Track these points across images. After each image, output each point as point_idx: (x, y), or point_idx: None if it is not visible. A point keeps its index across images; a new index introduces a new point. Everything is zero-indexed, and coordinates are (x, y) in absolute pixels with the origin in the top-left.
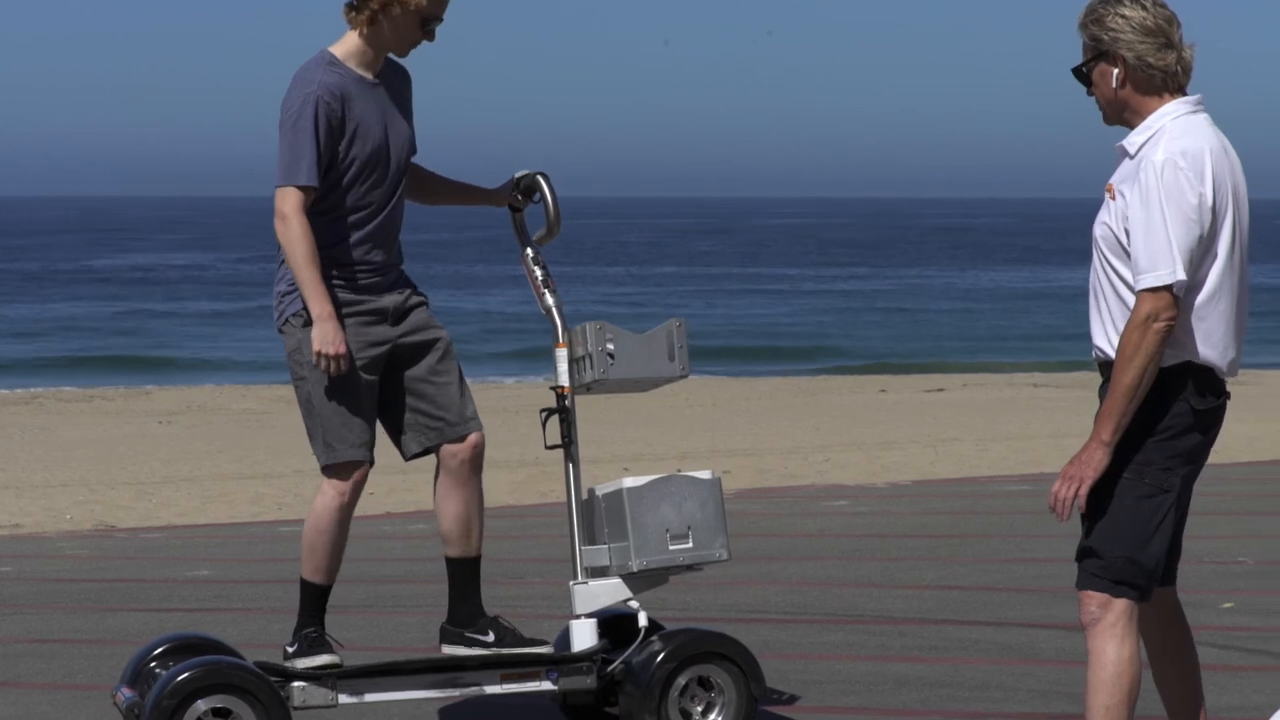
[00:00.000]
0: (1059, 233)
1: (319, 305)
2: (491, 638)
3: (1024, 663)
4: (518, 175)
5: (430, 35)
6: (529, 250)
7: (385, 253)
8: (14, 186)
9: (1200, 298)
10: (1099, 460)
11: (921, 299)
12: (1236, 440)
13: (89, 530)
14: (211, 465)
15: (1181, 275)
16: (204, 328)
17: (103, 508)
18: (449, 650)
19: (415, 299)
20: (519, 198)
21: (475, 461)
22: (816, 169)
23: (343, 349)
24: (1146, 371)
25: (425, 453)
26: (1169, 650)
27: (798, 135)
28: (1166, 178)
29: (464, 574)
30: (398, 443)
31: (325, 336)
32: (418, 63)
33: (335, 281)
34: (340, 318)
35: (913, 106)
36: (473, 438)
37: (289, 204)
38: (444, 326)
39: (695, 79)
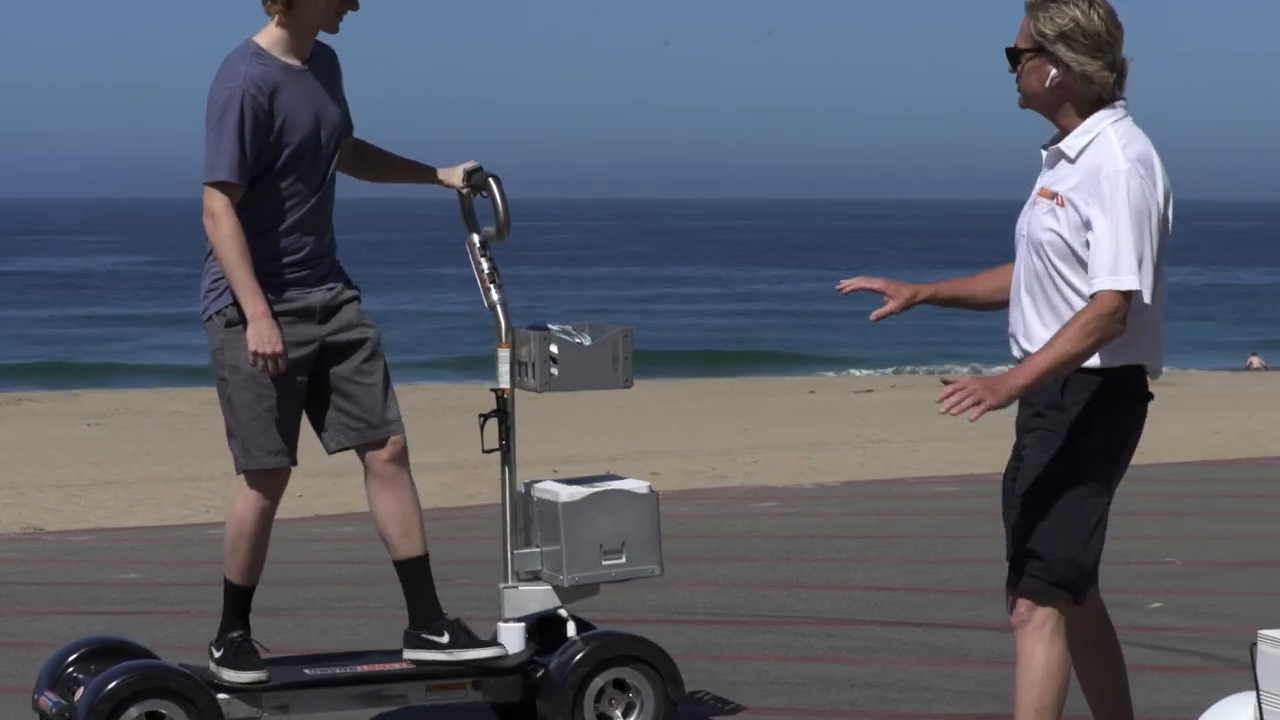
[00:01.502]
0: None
1: (253, 304)
2: (446, 639)
3: (952, 663)
4: (469, 167)
5: (354, 4)
6: (475, 238)
7: (314, 243)
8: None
9: (1150, 300)
10: (1007, 396)
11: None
12: (1164, 441)
13: (17, 533)
14: (140, 468)
15: (1145, 284)
16: (133, 330)
17: (30, 510)
18: (409, 654)
19: (346, 294)
20: (467, 190)
21: (399, 460)
22: (817, 170)
23: (279, 348)
24: (1084, 356)
25: (346, 449)
26: (1091, 651)
27: (798, 136)
28: (1133, 188)
29: (413, 575)
30: (321, 438)
31: (261, 336)
32: (417, 60)
33: (261, 277)
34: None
35: (913, 106)
36: (393, 439)
37: (217, 202)
38: (374, 324)
39: (695, 79)
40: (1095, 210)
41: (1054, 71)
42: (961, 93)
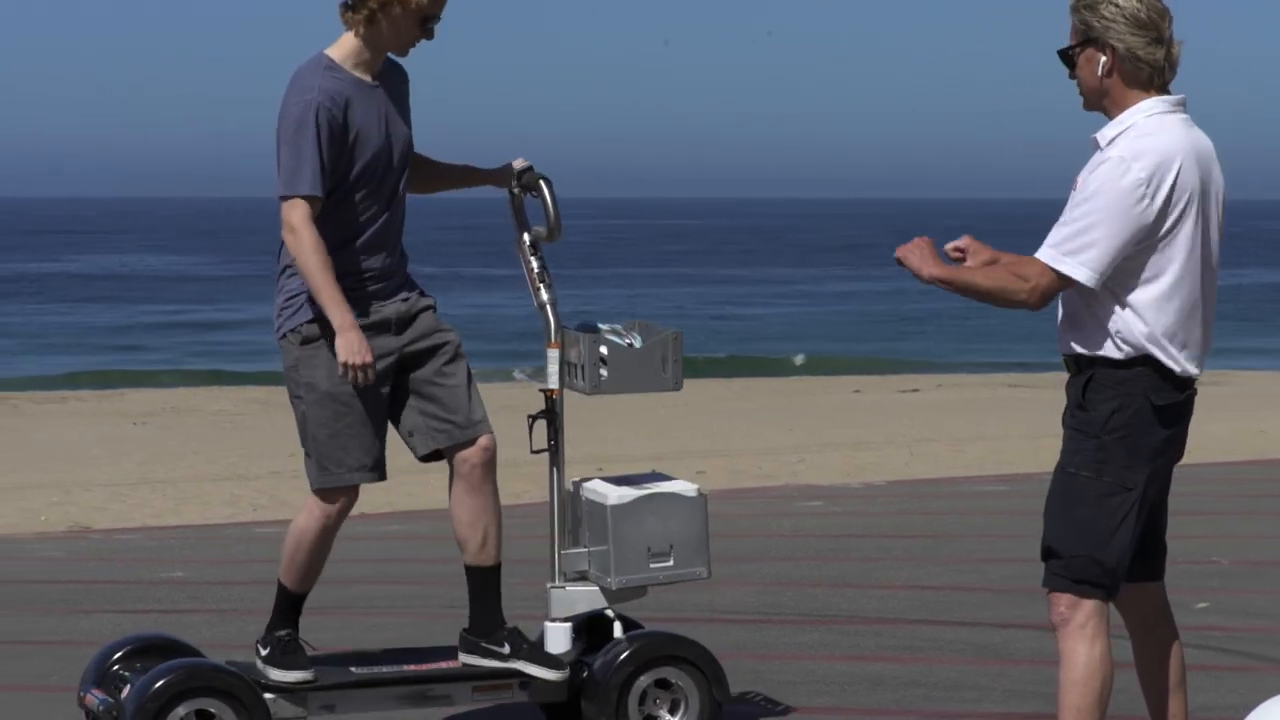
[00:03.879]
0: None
1: (340, 315)
2: (507, 650)
3: (998, 663)
4: (518, 166)
5: (430, 34)
6: (526, 237)
7: (387, 258)
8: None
9: (1155, 295)
10: (929, 274)
11: (899, 300)
12: (1210, 440)
13: (63, 532)
14: (186, 466)
15: (1081, 270)
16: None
17: (77, 509)
18: (464, 659)
19: (421, 303)
20: (518, 189)
21: (488, 466)
22: (817, 169)
23: (369, 358)
24: (984, 294)
25: (436, 456)
26: (1152, 654)
27: (798, 136)
28: (1112, 175)
29: (480, 582)
30: (409, 444)
31: (351, 347)
32: (414, 60)
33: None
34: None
35: (916, 107)
36: (483, 440)
37: (297, 215)
38: (453, 329)
39: (695, 80)
40: (1078, 190)
41: (1104, 58)
42: (962, 93)
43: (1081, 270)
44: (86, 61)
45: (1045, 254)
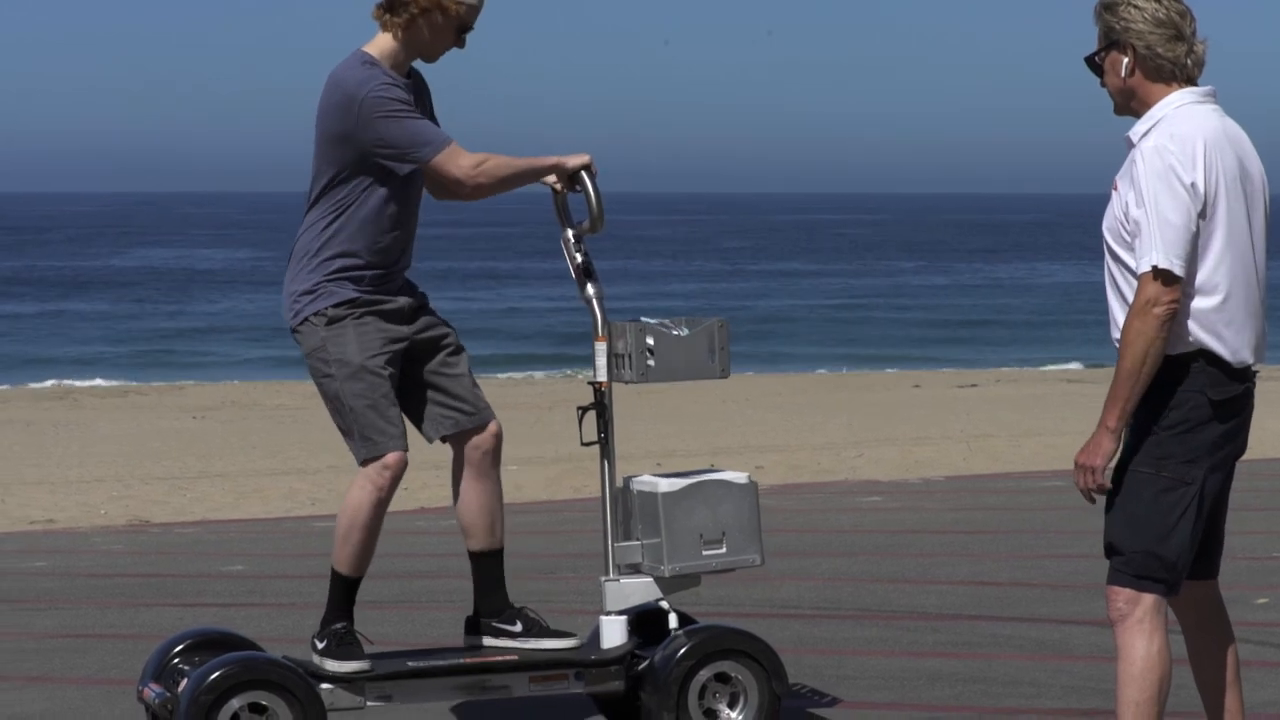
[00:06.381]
0: (1067, 228)
1: (544, 159)
2: (519, 628)
3: (1057, 658)
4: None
5: (462, 43)
6: (570, 233)
7: (405, 254)
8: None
9: (1201, 284)
10: (1106, 447)
11: (952, 295)
12: (1269, 436)
13: (123, 525)
14: (245, 461)
15: (1175, 260)
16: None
17: (137, 503)
18: (470, 641)
19: (421, 299)
20: (559, 185)
21: (495, 453)
22: (816, 168)
23: None
24: (1148, 356)
25: (446, 439)
26: (1207, 651)
27: (797, 135)
28: (1156, 164)
29: (489, 566)
30: (421, 430)
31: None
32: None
33: (354, 282)
34: (366, 313)
35: (913, 108)
36: (492, 426)
37: (464, 156)
38: (449, 323)
39: (695, 79)
40: (1131, 193)
41: (1126, 59)
42: (961, 92)
43: (1164, 258)
44: (85, 59)
45: (1140, 266)
